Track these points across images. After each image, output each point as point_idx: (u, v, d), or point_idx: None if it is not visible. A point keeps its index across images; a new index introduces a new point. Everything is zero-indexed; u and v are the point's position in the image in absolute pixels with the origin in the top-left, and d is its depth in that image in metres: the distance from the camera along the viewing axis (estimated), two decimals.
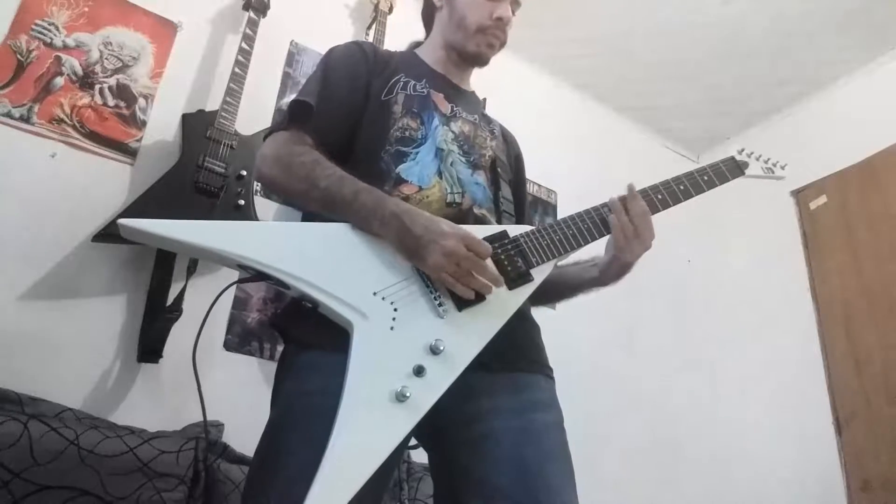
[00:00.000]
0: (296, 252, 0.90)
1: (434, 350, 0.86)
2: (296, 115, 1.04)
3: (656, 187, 1.12)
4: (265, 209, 1.99)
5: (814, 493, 2.41)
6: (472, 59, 1.24)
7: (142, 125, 1.94)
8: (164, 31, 2.08)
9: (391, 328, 0.87)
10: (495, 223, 1.09)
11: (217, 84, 2.07)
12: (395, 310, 0.89)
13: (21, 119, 1.76)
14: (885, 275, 2.46)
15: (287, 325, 1.03)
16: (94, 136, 1.85)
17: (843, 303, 2.58)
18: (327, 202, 0.95)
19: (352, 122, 1.09)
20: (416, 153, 1.08)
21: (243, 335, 1.92)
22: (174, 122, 1.96)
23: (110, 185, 1.82)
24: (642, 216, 1.06)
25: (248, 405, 1.65)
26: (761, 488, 2.59)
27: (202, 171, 1.78)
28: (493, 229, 1.01)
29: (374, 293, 0.89)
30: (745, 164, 1.24)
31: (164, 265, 1.77)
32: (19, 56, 1.81)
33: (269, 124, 2.10)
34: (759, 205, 2.92)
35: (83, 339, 1.67)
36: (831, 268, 2.67)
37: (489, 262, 0.93)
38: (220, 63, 2.13)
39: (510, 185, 1.21)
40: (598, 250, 1.13)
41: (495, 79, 1.43)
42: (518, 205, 1.22)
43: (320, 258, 0.91)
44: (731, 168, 1.22)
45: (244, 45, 2.04)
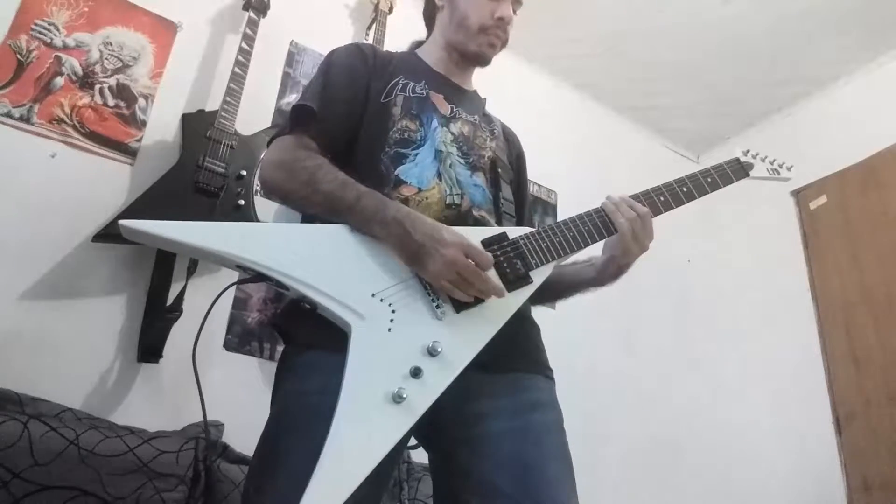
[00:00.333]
0: (295, 253, 0.90)
1: (431, 352, 0.86)
2: (298, 119, 1.05)
3: (659, 189, 1.12)
4: (265, 209, 1.99)
5: (814, 493, 2.41)
6: (474, 58, 1.24)
7: (142, 125, 1.94)
8: (164, 31, 2.08)
9: (389, 329, 0.87)
10: (495, 224, 1.09)
11: (217, 84, 2.07)
12: (392, 311, 0.89)
13: (21, 119, 1.76)
14: (885, 275, 2.46)
15: (287, 326, 1.03)
16: (94, 136, 1.85)
17: (843, 303, 2.58)
18: (329, 206, 0.96)
19: (353, 125, 1.09)
20: (416, 155, 1.08)
21: (243, 335, 1.92)
22: (174, 122, 1.96)
23: (110, 185, 1.83)
24: (643, 219, 1.06)
25: (248, 405, 1.65)
26: (761, 488, 2.59)
27: (202, 171, 1.78)
28: (492, 231, 1.01)
29: (373, 295, 0.89)
30: (750, 166, 1.21)
31: (164, 265, 1.77)
32: (19, 56, 1.81)
33: (269, 124, 2.11)
34: (759, 205, 2.91)
35: (83, 339, 1.67)
36: (831, 268, 2.67)
37: (491, 271, 0.93)
38: (220, 63, 2.13)
39: (511, 186, 1.20)
40: (595, 250, 1.13)
41: (495, 79, 1.43)
42: (519, 205, 1.22)
43: (319, 260, 0.91)
44: (736, 170, 1.19)
45: (244, 45, 2.04)
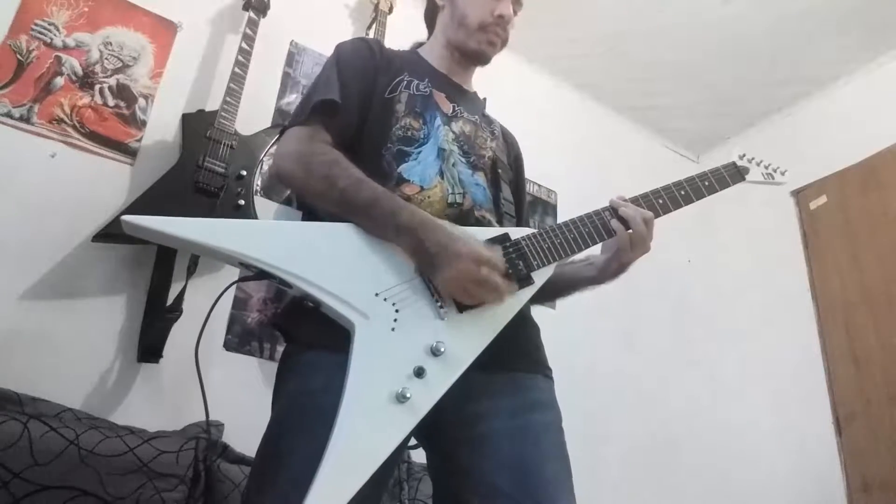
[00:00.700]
0: (298, 251, 0.90)
1: (434, 351, 0.86)
2: (317, 111, 1.04)
3: (657, 192, 1.13)
4: (265, 209, 1.99)
5: (814, 493, 2.41)
6: (474, 57, 1.24)
7: (142, 125, 1.94)
8: (164, 31, 2.08)
9: (392, 329, 0.87)
10: (496, 224, 1.09)
11: (217, 84, 2.07)
12: (396, 311, 0.89)
13: (21, 119, 1.76)
14: (885, 275, 2.46)
15: (288, 325, 1.03)
16: (94, 136, 1.85)
17: (843, 303, 2.58)
18: (344, 204, 0.95)
19: (362, 119, 1.09)
20: (419, 153, 1.08)
21: (243, 335, 1.92)
22: (174, 122, 1.96)
23: (110, 185, 1.82)
24: (647, 221, 1.07)
25: (248, 405, 1.65)
26: (761, 488, 2.58)
27: (202, 171, 1.77)
28: (494, 231, 1.01)
29: (376, 294, 0.89)
30: (746, 170, 1.24)
31: (163, 265, 1.77)
32: (19, 56, 1.81)
33: (269, 124, 2.11)
34: (759, 205, 2.92)
35: (83, 339, 1.67)
36: (831, 268, 2.67)
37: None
38: (220, 63, 2.12)
39: (510, 186, 1.21)
40: (595, 249, 1.13)
41: (495, 79, 1.43)
42: (518, 205, 1.23)
43: (323, 258, 0.91)
44: (732, 173, 1.22)
45: (244, 45, 2.04)
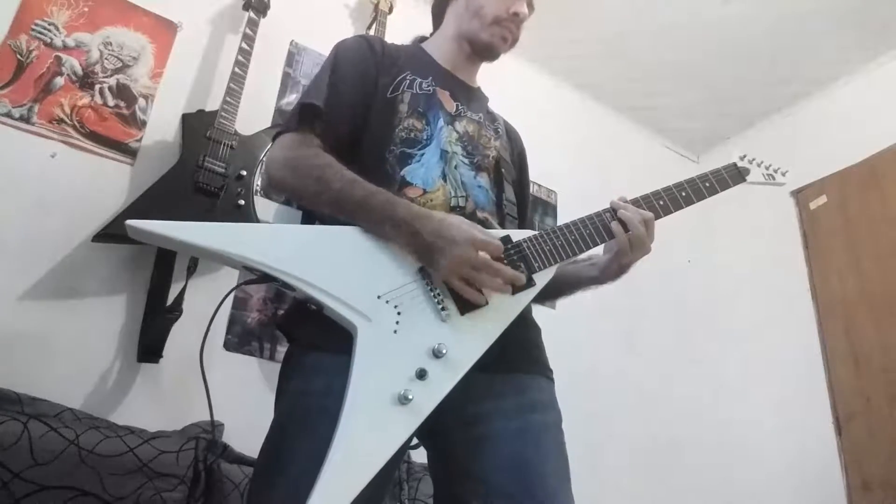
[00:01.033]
0: (301, 255, 0.90)
1: (437, 354, 0.87)
2: (304, 116, 1.04)
3: (658, 193, 1.13)
4: (265, 209, 1.99)
5: (814, 493, 2.41)
6: (484, 49, 1.23)
7: (142, 125, 1.94)
8: (164, 31, 2.08)
9: (394, 331, 0.88)
10: (498, 226, 1.09)
11: (217, 84, 2.07)
12: (398, 313, 0.89)
13: (21, 119, 1.76)
14: (885, 275, 2.46)
15: (291, 327, 1.03)
16: (94, 136, 1.85)
17: (843, 303, 2.57)
18: (339, 205, 0.96)
19: (359, 122, 1.09)
20: (422, 155, 1.08)
21: (243, 335, 1.91)
22: (174, 122, 1.96)
23: (110, 185, 1.82)
24: (648, 223, 1.07)
25: (248, 405, 1.66)
26: (761, 488, 2.59)
27: (202, 171, 1.77)
28: (496, 233, 1.01)
29: (379, 296, 0.89)
30: (747, 171, 1.24)
31: (164, 265, 1.77)
32: (19, 56, 1.81)
33: (269, 124, 2.11)
34: (759, 204, 2.91)
35: (83, 339, 1.67)
36: (831, 268, 2.67)
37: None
38: (220, 63, 2.12)
39: (513, 185, 1.21)
40: (597, 248, 1.13)
41: (495, 79, 1.43)
42: (521, 205, 1.23)
43: (325, 261, 0.91)
44: (733, 174, 1.22)
45: (244, 45, 2.04)
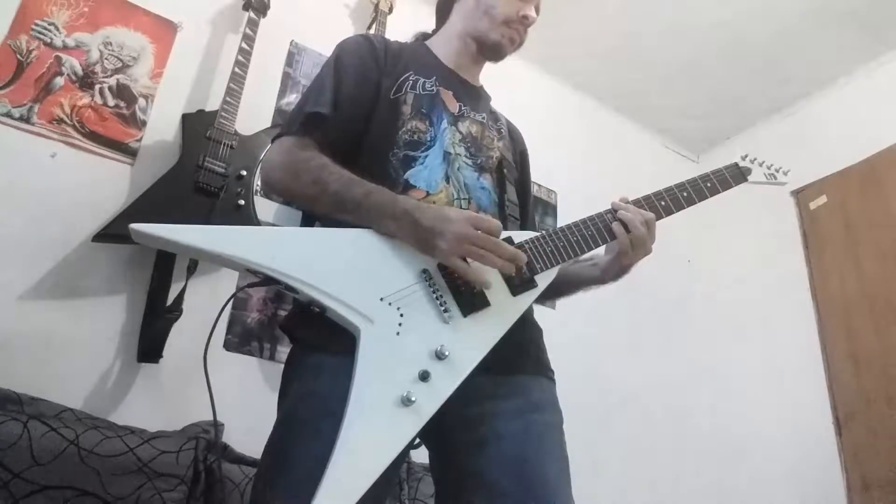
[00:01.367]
0: (305, 257, 0.91)
1: (439, 355, 0.87)
2: (309, 125, 1.04)
3: (660, 194, 1.13)
4: (265, 209, 1.99)
5: (814, 493, 2.41)
6: (492, 49, 1.23)
7: (142, 125, 1.93)
8: (164, 31, 2.07)
9: (397, 333, 0.88)
10: None
11: (217, 84, 2.07)
12: (401, 315, 0.89)
13: (21, 119, 1.76)
14: (885, 275, 2.46)
15: (295, 328, 1.03)
16: (94, 136, 1.85)
17: (843, 303, 2.57)
18: (338, 205, 0.96)
19: (360, 126, 1.09)
20: (425, 157, 1.08)
21: (243, 335, 1.91)
22: (174, 122, 1.96)
23: (110, 185, 1.82)
24: (649, 223, 1.07)
25: (248, 405, 1.65)
26: (761, 488, 2.59)
27: (202, 171, 1.77)
28: None
29: (381, 299, 0.90)
30: (749, 171, 1.25)
31: (163, 265, 1.76)
32: (19, 56, 1.81)
33: (269, 124, 2.11)
34: (759, 204, 2.91)
35: (83, 339, 1.67)
36: (831, 268, 2.67)
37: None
38: (220, 63, 2.12)
39: (515, 186, 1.21)
40: (600, 248, 1.14)
41: (496, 78, 1.43)
42: (522, 205, 1.23)
43: (328, 264, 0.91)
44: (735, 174, 1.22)
45: (244, 45, 2.03)
